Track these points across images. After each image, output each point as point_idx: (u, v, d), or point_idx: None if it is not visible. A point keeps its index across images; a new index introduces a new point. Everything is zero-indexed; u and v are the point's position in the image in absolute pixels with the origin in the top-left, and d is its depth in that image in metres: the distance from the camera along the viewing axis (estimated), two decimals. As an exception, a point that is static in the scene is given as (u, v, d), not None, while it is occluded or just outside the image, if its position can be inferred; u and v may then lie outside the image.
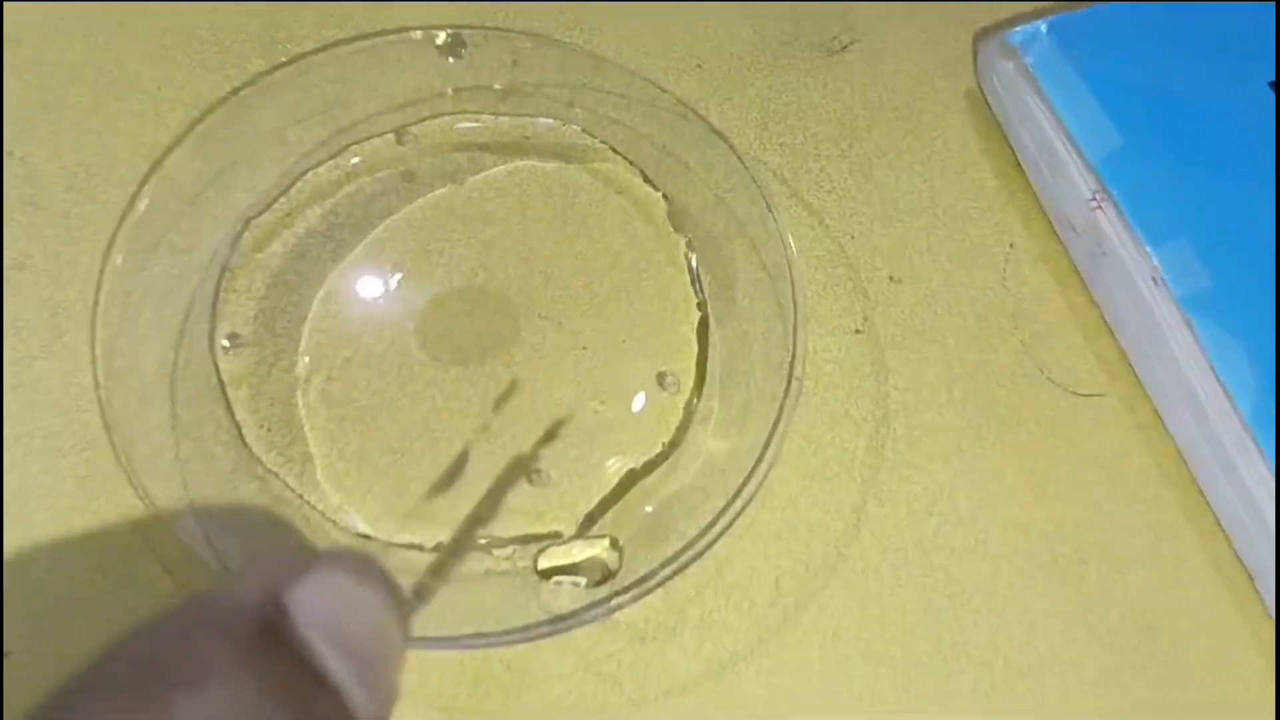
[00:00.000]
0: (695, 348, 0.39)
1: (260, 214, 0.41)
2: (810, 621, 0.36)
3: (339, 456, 0.38)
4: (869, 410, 0.40)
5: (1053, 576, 0.37)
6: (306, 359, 0.39)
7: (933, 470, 0.38)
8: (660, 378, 0.39)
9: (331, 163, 0.42)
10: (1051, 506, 0.38)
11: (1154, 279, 0.37)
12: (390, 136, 0.42)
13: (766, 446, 0.35)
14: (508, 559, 0.36)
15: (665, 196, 0.41)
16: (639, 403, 0.38)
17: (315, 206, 0.41)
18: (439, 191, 0.42)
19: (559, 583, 0.35)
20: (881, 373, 0.41)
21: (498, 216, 0.41)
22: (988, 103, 0.44)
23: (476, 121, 0.43)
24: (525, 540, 0.36)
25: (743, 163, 0.40)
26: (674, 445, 0.38)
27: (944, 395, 0.39)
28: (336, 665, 0.16)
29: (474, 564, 0.36)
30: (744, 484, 0.35)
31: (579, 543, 0.36)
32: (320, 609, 0.16)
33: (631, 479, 0.37)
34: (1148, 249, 0.37)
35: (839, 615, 0.36)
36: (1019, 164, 0.43)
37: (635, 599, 0.34)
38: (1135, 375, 0.39)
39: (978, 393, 0.39)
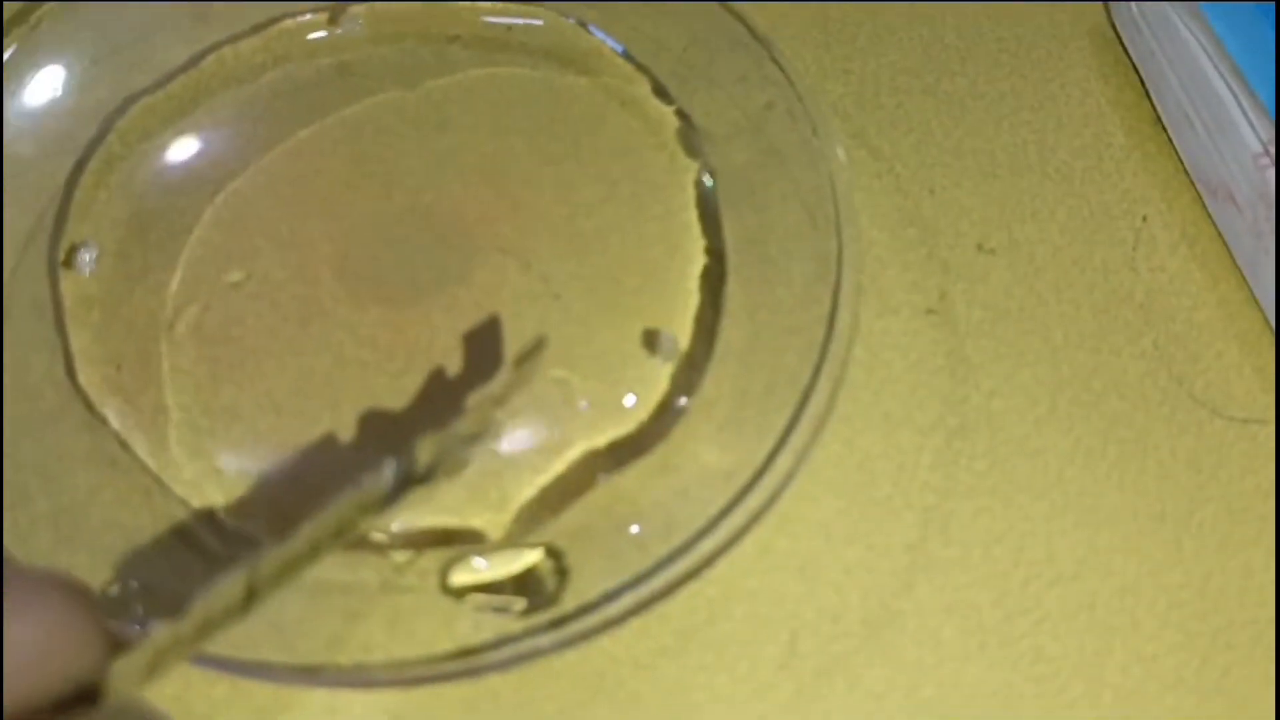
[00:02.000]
0: (697, 300, 0.29)
1: (151, 92, 0.31)
2: (835, 699, 0.26)
3: (202, 412, 0.27)
4: (939, 415, 0.29)
5: (1187, 665, 0.27)
6: (180, 279, 0.29)
7: (1022, 504, 0.29)
8: (649, 337, 0.28)
9: (255, 40, 0.32)
10: (1189, 567, 0.28)
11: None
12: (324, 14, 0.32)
13: (781, 445, 0.25)
14: (406, 565, 0.25)
15: (680, 113, 0.31)
16: (619, 371, 0.28)
17: (226, 92, 0.31)
18: (386, 95, 0.32)
19: (479, 606, 0.24)
20: (960, 368, 0.30)
21: (461, 124, 0.31)
22: (1120, 39, 0.35)
23: (441, 6, 0.33)
24: (432, 541, 0.25)
25: (786, 75, 0.30)
26: (659, 433, 0.27)
27: (1043, 405, 0.29)
28: None
29: (357, 570, 0.25)
30: (745, 492, 0.24)
31: (507, 551, 0.25)
32: None
33: (591, 469, 0.26)
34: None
35: (876, 693, 0.27)
36: (1157, 117, 0.34)
37: (579, 638, 0.23)
38: (1311, 399, 0.30)
39: (1090, 406, 0.30)
